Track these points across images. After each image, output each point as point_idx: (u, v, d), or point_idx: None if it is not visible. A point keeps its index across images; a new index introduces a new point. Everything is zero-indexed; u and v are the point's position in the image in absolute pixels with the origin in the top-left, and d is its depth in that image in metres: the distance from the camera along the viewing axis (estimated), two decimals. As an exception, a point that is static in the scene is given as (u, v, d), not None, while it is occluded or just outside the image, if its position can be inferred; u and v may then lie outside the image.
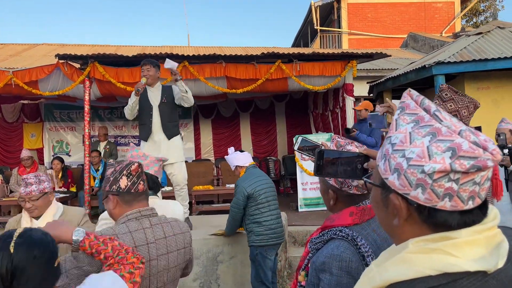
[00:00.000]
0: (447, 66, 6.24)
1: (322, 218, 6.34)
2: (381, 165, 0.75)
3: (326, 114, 8.57)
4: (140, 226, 1.71)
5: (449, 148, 0.66)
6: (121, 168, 1.74)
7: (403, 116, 0.73)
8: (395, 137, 0.72)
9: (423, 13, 17.83)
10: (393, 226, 0.75)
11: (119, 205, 1.73)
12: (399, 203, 0.72)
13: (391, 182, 0.72)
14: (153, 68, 4.66)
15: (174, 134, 4.85)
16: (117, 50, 10.57)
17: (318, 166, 1.13)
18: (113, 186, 1.73)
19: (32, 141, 9.33)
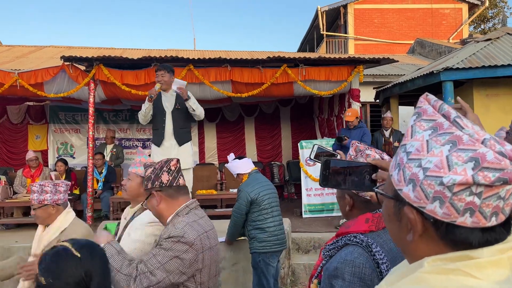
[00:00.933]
0: (456, 72, 6.15)
1: (326, 224, 6.27)
2: (394, 175, 0.69)
3: (331, 119, 8.50)
4: (201, 214, 1.87)
5: (471, 159, 0.60)
6: (161, 165, 1.83)
7: (420, 122, 0.68)
8: (411, 145, 0.67)
9: (430, 19, 17.74)
10: (407, 242, 0.69)
11: (164, 199, 1.79)
12: (414, 217, 0.66)
13: (405, 194, 0.66)
14: (167, 74, 4.67)
15: (186, 140, 4.87)
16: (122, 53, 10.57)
17: (324, 176, 1.07)
18: (155, 183, 1.80)
19: (37, 143, 9.33)
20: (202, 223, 1.80)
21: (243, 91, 6.82)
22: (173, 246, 1.65)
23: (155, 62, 6.51)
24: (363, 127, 6.08)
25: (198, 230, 1.74)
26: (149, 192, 1.82)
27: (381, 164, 1.06)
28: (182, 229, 1.68)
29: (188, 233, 1.68)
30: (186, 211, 1.79)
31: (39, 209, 2.49)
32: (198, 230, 1.73)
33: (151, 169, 1.84)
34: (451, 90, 6.22)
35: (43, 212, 2.50)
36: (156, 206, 1.80)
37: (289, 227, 5.32)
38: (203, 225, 1.79)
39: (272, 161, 9.75)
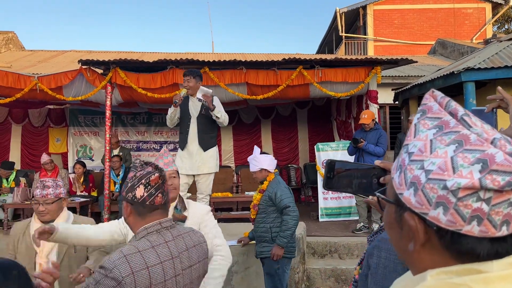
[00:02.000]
0: (477, 72, 5.96)
1: (343, 228, 6.16)
2: (395, 177, 0.64)
3: (349, 121, 8.37)
4: (162, 240, 1.59)
5: (478, 160, 0.54)
6: (141, 176, 1.60)
7: (424, 120, 0.62)
8: (413, 145, 0.61)
9: (453, 19, 17.34)
10: (409, 252, 0.63)
11: (132, 214, 1.61)
12: (415, 224, 0.60)
13: (406, 198, 0.60)
14: (193, 79, 4.69)
15: (210, 146, 4.88)
16: (141, 56, 10.69)
17: (328, 178, 1.01)
18: (128, 194, 1.60)
19: (57, 146, 9.51)
20: (155, 253, 1.53)
21: (259, 93, 6.78)
22: (101, 279, 1.45)
23: (171, 65, 6.54)
24: (379, 129, 5.94)
25: (137, 265, 1.46)
26: (123, 199, 1.63)
27: (389, 166, 0.99)
28: (113, 262, 1.45)
29: (119, 268, 1.44)
30: (143, 234, 1.57)
31: (54, 203, 2.55)
32: (139, 265, 1.47)
33: (131, 174, 1.63)
34: (472, 91, 6.03)
35: (57, 206, 2.57)
36: (126, 216, 1.64)
37: (303, 231, 5.24)
38: (150, 257, 1.51)
39: (289, 164, 9.68)
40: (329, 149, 7.19)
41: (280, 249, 3.52)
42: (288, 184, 9.32)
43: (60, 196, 2.59)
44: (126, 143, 9.58)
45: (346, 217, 6.82)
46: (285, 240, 3.51)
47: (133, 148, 9.56)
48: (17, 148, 9.44)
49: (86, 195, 7.32)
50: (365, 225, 5.95)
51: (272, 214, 3.63)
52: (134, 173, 1.63)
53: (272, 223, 3.61)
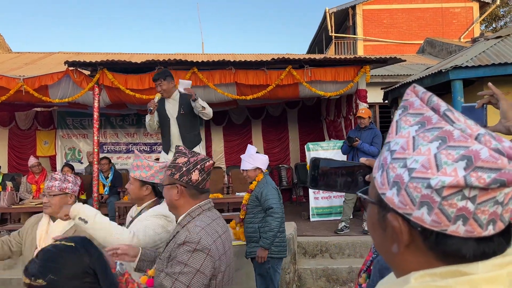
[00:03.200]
0: (465, 70, 6.00)
1: (334, 228, 6.14)
2: (377, 177, 0.61)
3: (338, 121, 8.38)
4: (215, 216, 1.79)
5: (463, 157, 0.52)
6: (195, 161, 1.74)
7: (406, 117, 0.59)
8: (395, 143, 0.59)
9: (441, 19, 17.49)
10: (392, 254, 0.60)
11: (184, 196, 1.73)
12: (399, 225, 0.57)
13: (389, 198, 0.58)
14: (165, 81, 4.58)
15: (195, 144, 4.78)
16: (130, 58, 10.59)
17: (313, 176, 0.96)
18: (183, 177, 1.72)
19: (45, 149, 9.38)
20: (215, 226, 1.73)
21: (248, 93, 6.75)
22: (190, 258, 1.57)
23: (159, 65, 6.48)
24: (374, 128, 5.95)
25: (213, 235, 1.67)
26: (173, 182, 1.74)
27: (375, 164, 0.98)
28: (197, 234, 1.61)
29: (204, 239, 1.61)
30: (198, 212, 1.73)
31: (57, 196, 2.50)
32: (213, 235, 1.67)
33: (184, 160, 1.75)
34: (460, 89, 6.07)
35: (61, 200, 2.51)
36: (174, 198, 1.74)
37: (294, 231, 5.22)
38: (216, 229, 1.72)
39: (280, 164, 9.66)
40: (319, 149, 7.19)
41: (264, 250, 3.46)
42: (279, 184, 9.33)
43: (66, 191, 2.52)
44: (115, 145, 9.50)
45: (337, 217, 6.80)
46: (268, 241, 3.44)
47: (123, 150, 9.48)
48: (4, 151, 9.30)
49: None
50: (346, 225, 5.94)
51: (259, 214, 3.59)
52: (186, 158, 1.76)
53: (260, 223, 3.57)
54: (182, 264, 1.57)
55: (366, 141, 5.78)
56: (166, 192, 1.76)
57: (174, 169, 1.75)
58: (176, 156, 1.79)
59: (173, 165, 1.77)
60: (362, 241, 5.50)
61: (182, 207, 1.74)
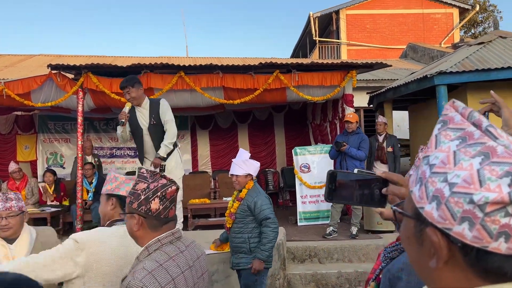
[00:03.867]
0: (450, 76, 6.09)
1: (322, 232, 6.15)
2: (415, 190, 0.61)
3: (324, 125, 8.42)
4: (178, 250, 1.57)
5: (507, 173, 0.52)
6: (156, 188, 1.55)
7: (446, 131, 0.59)
8: (435, 157, 0.58)
9: (422, 24, 17.82)
10: (429, 269, 0.60)
11: (143, 227, 1.55)
12: (438, 240, 0.57)
13: (427, 212, 0.58)
14: (133, 88, 4.37)
15: (170, 152, 4.64)
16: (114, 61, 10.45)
17: (330, 190, 0.98)
18: (142, 207, 1.54)
19: (26, 153, 9.15)
20: (172, 264, 1.52)
21: (236, 97, 6.72)
22: None
23: (145, 69, 6.40)
24: (361, 133, 5.99)
25: (164, 279, 1.46)
26: (131, 211, 1.56)
27: (392, 177, 0.96)
28: (141, 281, 1.42)
29: (149, 286, 1.43)
30: (156, 247, 1.54)
31: (17, 216, 2.37)
32: (165, 278, 1.47)
33: (144, 186, 1.56)
34: (445, 94, 6.16)
35: (21, 219, 2.40)
36: (134, 229, 1.57)
37: (284, 236, 5.20)
38: (172, 269, 1.50)
39: (267, 168, 9.65)
40: (306, 153, 7.19)
41: (261, 263, 3.35)
42: (266, 188, 9.31)
43: (23, 210, 2.42)
44: (99, 149, 9.32)
45: (325, 221, 6.81)
46: (266, 253, 3.34)
47: (107, 155, 9.31)
48: (-17, 156, 9.03)
49: (57, 204, 7.05)
50: (334, 229, 5.95)
51: (250, 224, 3.43)
52: (146, 184, 1.56)
53: (250, 233, 3.43)
54: None
55: (353, 146, 5.82)
56: (127, 221, 1.60)
57: (132, 197, 1.57)
58: (137, 181, 1.60)
59: (132, 191, 1.59)
60: (350, 246, 5.51)
61: (142, 239, 1.58)
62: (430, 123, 7.73)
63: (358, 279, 5.04)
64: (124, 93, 4.47)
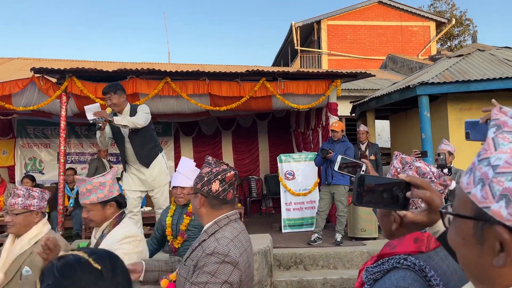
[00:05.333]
0: (431, 86, 6.28)
1: (306, 239, 6.19)
2: (476, 192, 0.63)
3: (307, 133, 8.51)
4: (240, 228, 1.79)
5: None
6: (217, 172, 1.76)
7: (502, 134, 0.63)
8: (497, 158, 0.61)
9: (400, 36, 18.28)
10: (489, 269, 0.62)
11: (205, 206, 1.76)
12: (509, 238, 0.59)
13: (495, 211, 0.60)
14: (115, 95, 4.33)
15: (151, 159, 4.59)
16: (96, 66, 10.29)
17: (359, 193, 0.99)
18: (204, 187, 1.76)
19: (3, 158, 8.89)
20: (242, 238, 1.74)
21: (222, 104, 6.73)
22: (218, 269, 1.58)
23: (131, 74, 6.35)
24: (346, 141, 6.10)
25: (240, 248, 1.68)
26: (196, 191, 1.79)
27: (416, 181, 0.99)
28: (226, 246, 1.62)
29: (233, 251, 1.62)
30: (225, 222, 1.74)
31: (21, 215, 2.31)
32: (240, 248, 1.68)
33: (207, 170, 1.79)
34: (427, 104, 6.34)
35: (25, 219, 2.32)
36: (197, 207, 1.78)
37: (270, 243, 5.22)
38: (243, 242, 1.73)
39: (250, 175, 9.66)
40: (291, 160, 7.25)
41: None
42: (249, 196, 9.32)
43: (30, 209, 2.32)
44: (80, 155, 9.15)
45: (309, 228, 6.86)
46: None
47: (88, 161, 9.15)
48: (-42, 161, 8.73)
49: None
50: (319, 236, 6.01)
51: None
52: (210, 168, 1.79)
53: None
54: (209, 275, 1.58)
55: (339, 153, 5.91)
56: (193, 200, 1.81)
57: (198, 179, 1.80)
58: (203, 166, 1.83)
59: (199, 175, 1.81)
60: (335, 253, 5.56)
61: (205, 216, 1.78)
62: (411, 131, 7.92)
63: (343, 285, 5.09)
64: (105, 99, 4.42)
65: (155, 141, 4.71)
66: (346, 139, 6.13)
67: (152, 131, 4.69)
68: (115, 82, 4.61)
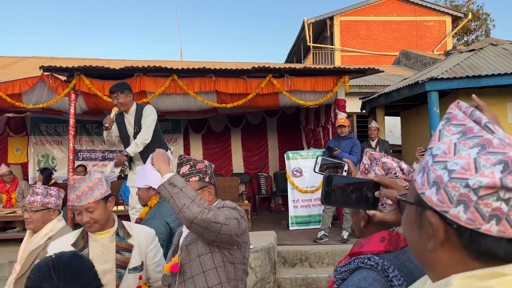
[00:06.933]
0: (441, 82, 6.15)
1: (313, 236, 6.16)
2: (418, 178, 0.67)
3: (317, 130, 8.45)
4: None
5: (500, 161, 0.57)
6: (210, 164, 1.97)
7: (449, 126, 0.66)
8: (437, 148, 0.65)
9: (415, 31, 17.99)
10: (427, 253, 0.65)
11: (213, 195, 1.90)
12: (436, 222, 0.62)
13: (428, 197, 0.64)
14: (121, 94, 4.37)
15: None
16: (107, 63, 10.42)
17: (326, 193, 1.02)
18: (212, 179, 1.91)
19: (17, 156, 9.08)
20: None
21: (228, 101, 6.72)
22: (231, 211, 1.77)
23: (138, 72, 6.40)
24: (353, 137, 6.04)
25: (242, 212, 1.86)
26: (205, 185, 1.88)
27: (384, 181, 1.01)
28: (232, 204, 1.85)
29: (237, 209, 1.82)
30: (221, 205, 1.87)
31: (39, 212, 2.42)
32: (242, 212, 1.85)
33: (204, 164, 1.92)
34: (436, 100, 6.21)
35: (42, 216, 2.44)
36: (208, 200, 1.87)
37: (274, 240, 5.20)
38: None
39: (259, 173, 9.65)
40: (299, 158, 7.21)
41: None
42: (258, 193, 9.31)
43: (48, 206, 2.45)
44: (91, 152, 9.28)
45: (316, 225, 6.82)
46: None
47: (99, 158, 9.27)
48: (-27, 158, 8.94)
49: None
50: (325, 233, 5.97)
51: None
52: (202, 162, 1.93)
53: None
54: (224, 216, 1.72)
55: (345, 150, 5.85)
56: (203, 197, 1.86)
57: (201, 174, 1.90)
58: (191, 163, 1.92)
59: (196, 171, 1.90)
60: (341, 250, 5.51)
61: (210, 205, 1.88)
62: (422, 128, 7.78)
63: (348, 283, 5.04)
64: (112, 98, 4.47)
65: (160, 141, 4.72)
66: (353, 136, 6.07)
67: (158, 131, 4.71)
68: (122, 82, 4.66)
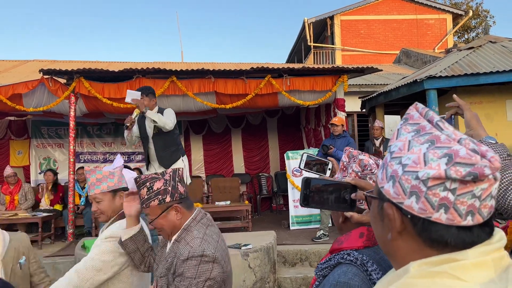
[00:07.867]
0: (439, 80, 6.15)
1: (313, 236, 6.16)
2: (379, 174, 0.73)
3: (318, 129, 8.46)
4: (210, 222, 1.75)
5: (445, 155, 0.63)
6: (173, 176, 1.72)
7: (405, 126, 0.72)
8: (395, 145, 0.71)
9: (416, 30, 17.96)
10: (388, 242, 0.71)
11: (183, 212, 1.70)
12: (393, 213, 0.68)
13: (386, 190, 0.69)
14: (146, 97, 4.48)
15: (173, 161, 4.67)
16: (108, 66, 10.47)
17: (305, 195, 1.04)
18: (175, 195, 1.70)
19: (19, 158, 9.13)
20: (211, 232, 1.70)
21: (227, 102, 6.75)
22: (198, 271, 1.57)
23: (137, 74, 6.43)
24: (347, 136, 6.05)
25: (212, 242, 1.65)
26: (168, 206, 1.68)
27: (360, 183, 1.04)
28: (200, 247, 1.60)
29: (207, 249, 1.60)
30: (202, 215, 1.73)
31: None
32: (212, 243, 1.65)
33: (161, 182, 1.69)
34: (435, 98, 6.22)
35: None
36: (177, 220, 1.70)
37: (274, 239, 5.22)
38: (212, 235, 1.68)
39: (260, 173, 9.66)
40: (298, 157, 7.21)
41: None
42: (259, 193, 9.32)
43: None
44: (92, 154, 9.32)
45: (317, 225, 6.82)
46: None
47: (100, 160, 9.31)
48: (-24, 161, 8.99)
49: (50, 209, 7.03)
50: (324, 233, 5.98)
51: None
52: (162, 179, 1.71)
53: None
54: (191, 278, 1.57)
55: (340, 149, 5.86)
56: (164, 221, 1.70)
57: (160, 196, 1.69)
58: (148, 185, 1.71)
59: (154, 194, 1.69)
60: (341, 249, 5.52)
61: (180, 224, 1.72)
62: (422, 127, 7.77)
63: (348, 282, 5.05)
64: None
65: (177, 145, 4.78)
66: (347, 135, 6.08)
67: (176, 135, 4.76)
68: (148, 86, 4.77)
